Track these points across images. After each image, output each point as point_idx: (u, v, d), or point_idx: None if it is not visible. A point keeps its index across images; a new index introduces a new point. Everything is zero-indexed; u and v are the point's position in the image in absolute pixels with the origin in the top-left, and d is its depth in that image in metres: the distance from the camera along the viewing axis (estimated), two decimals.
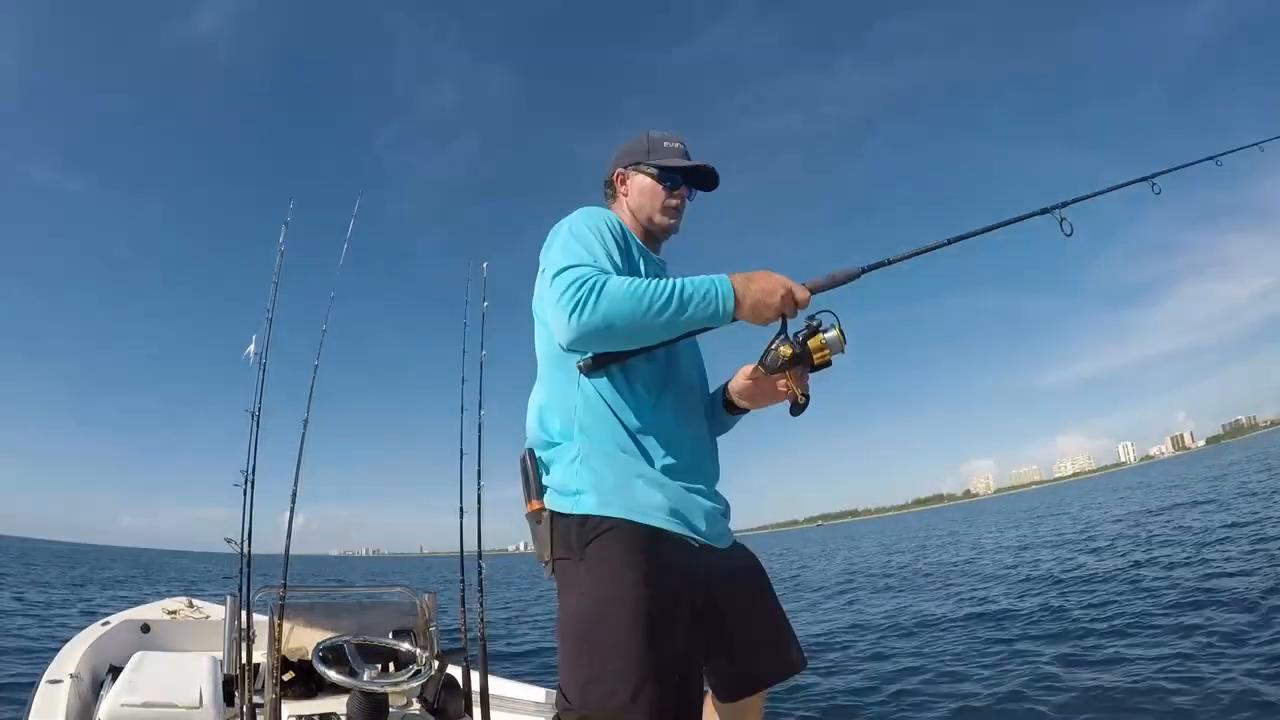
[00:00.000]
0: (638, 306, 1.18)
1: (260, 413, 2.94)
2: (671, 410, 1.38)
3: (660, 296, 1.19)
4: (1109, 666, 4.71)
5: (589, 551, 1.24)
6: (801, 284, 1.28)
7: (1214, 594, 6.13)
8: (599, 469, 1.29)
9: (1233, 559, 7.75)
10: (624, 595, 1.19)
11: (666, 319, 1.20)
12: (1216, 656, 4.47)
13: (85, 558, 50.75)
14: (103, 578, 22.76)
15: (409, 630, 3.09)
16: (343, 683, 2.47)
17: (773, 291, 1.25)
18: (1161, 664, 4.50)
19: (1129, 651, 4.94)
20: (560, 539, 1.28)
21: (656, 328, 1.21)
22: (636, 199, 1.53)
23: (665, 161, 1.51)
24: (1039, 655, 5.27)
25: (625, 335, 1.22)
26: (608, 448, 1.30)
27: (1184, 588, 6.65)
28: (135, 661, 2.58)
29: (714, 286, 1.23)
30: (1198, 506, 15.20)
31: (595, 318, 1.18)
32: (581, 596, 1.23)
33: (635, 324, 1.19)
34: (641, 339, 1.25)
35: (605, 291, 1.19)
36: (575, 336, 1.21)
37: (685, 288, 1.22)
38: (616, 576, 1.21)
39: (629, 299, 1.19)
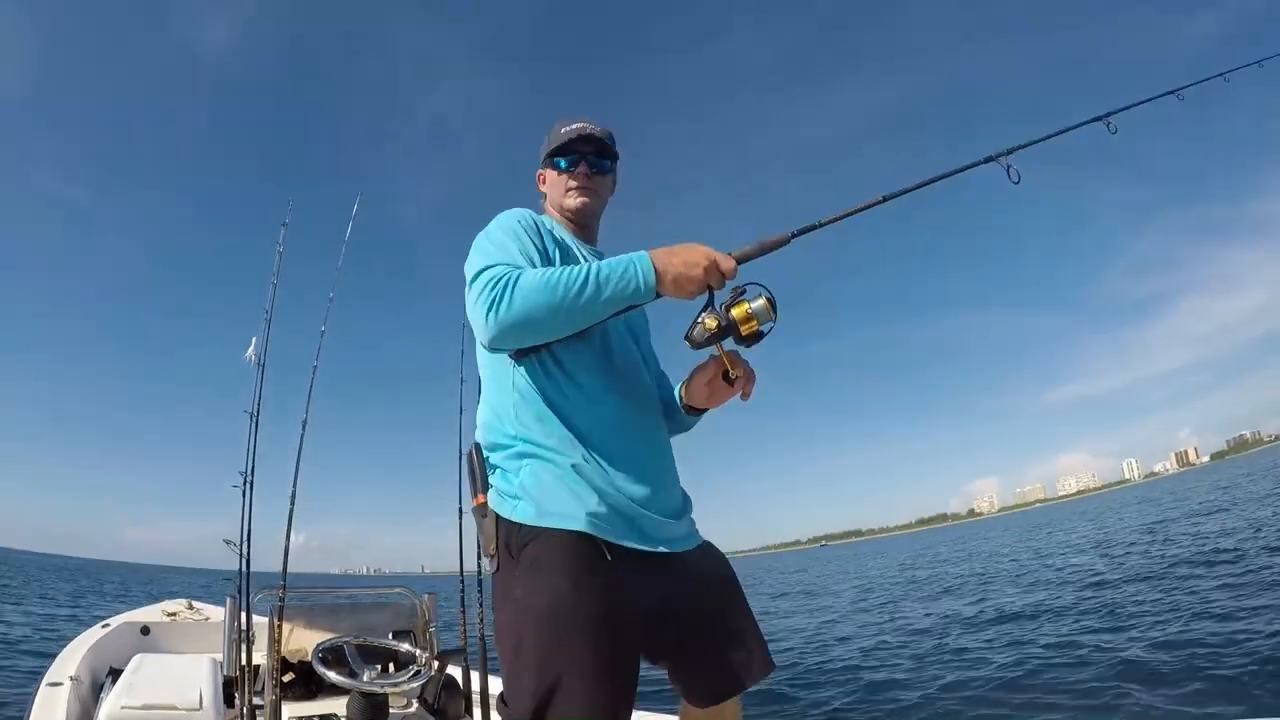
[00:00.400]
0: (553, 295, 1.18)
1: (259, 413, 2.95)
2: (614, 404, 1.35)
3: (575, 281, 1.18)
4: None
5: (524, 556, 1.23)
6: (727, 253, 1.24)
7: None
8: (537, 473, 1.27)
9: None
10: (554, 603, 1.18)
11: (584, 302, 1.18)
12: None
13: (89, 572, 50.65)
14: (105, 591, 22.69)
15: (409, 631, 3.09)
16: (342, 684, 2.47)
17: (695, 263, 1.21)
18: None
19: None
20: (502, 540, 1.28)
21: (576, 312, 1.20)
22: (550, 193, 1.55)
23: (555, 145, 1.52)
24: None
25: (545, 325, 1.21)
26: (546, 449, 1.29)
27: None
28: (135, 664, 2.58)
29: (632, 264, 1.21)
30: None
31: (512, 312, 1.19)
32: (517, 602, 1.22)
33: (553, 312, 1.19)
34: (563, 326, 1.23)
35: (519, 285, 1.19)
36: (495, 334, 1.22)
37: (602, 269, 1.20)
38: (549, 584, 1.20)
39: (543, 289, 1.18)
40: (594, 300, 1.19)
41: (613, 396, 1.36)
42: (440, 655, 2.81)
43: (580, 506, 1.24)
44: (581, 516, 1.23)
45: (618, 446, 1.32)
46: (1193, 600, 6.70)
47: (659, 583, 1.31)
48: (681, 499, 1.44)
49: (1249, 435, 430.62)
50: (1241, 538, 10.58)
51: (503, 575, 1.28)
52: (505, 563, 1.27)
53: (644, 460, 1.37)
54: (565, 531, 1.23)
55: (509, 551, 1.26)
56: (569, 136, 1.51)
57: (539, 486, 1.26)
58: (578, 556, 1.22)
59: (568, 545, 1.22)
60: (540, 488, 1.26)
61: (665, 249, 1.24)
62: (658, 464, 1.41)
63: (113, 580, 34.16)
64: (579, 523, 1.23)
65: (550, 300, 1.18)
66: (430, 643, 3.03)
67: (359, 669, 2.56)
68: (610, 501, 1.27)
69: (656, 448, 1.43)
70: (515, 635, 1.22)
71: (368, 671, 2.55)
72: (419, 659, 2.77)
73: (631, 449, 1.35)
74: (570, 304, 1.18)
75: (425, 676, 2.66)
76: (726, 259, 1.23)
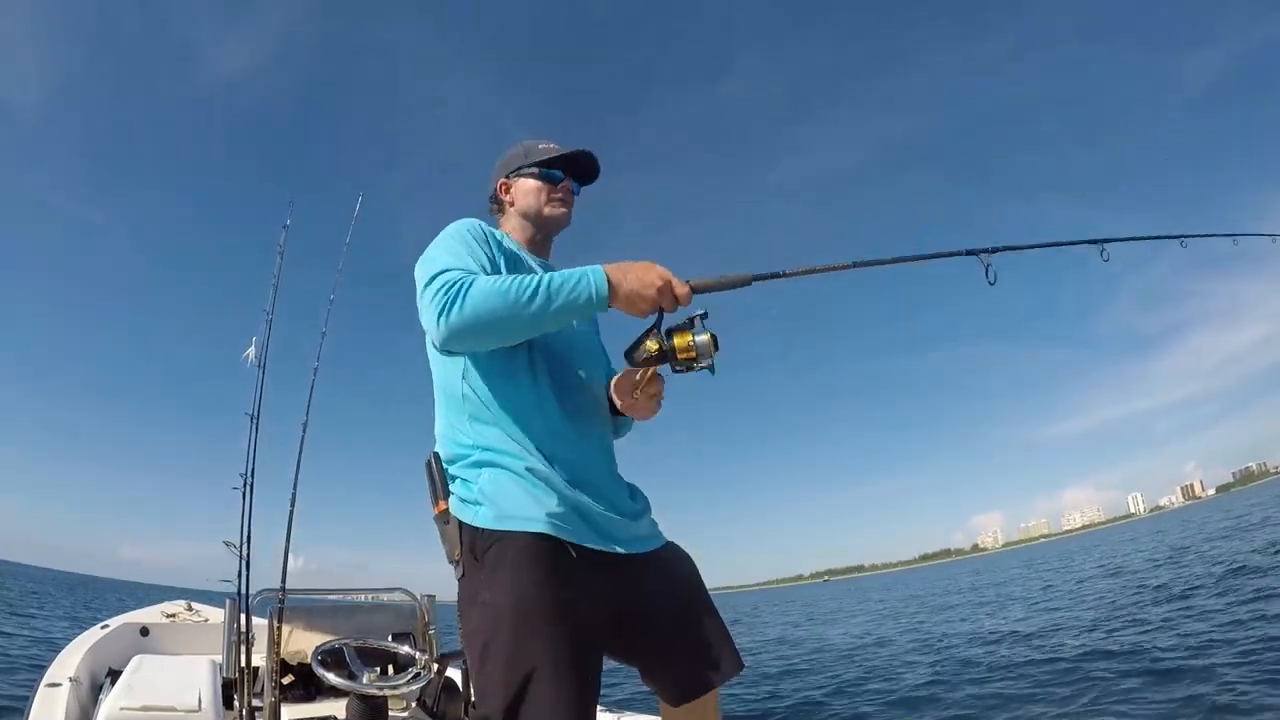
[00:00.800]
0: (504, 301, 1.20)
1: (259, 415, 2.95)
2: (565, 407, 1.38)
3: (527, 290, 1.21)
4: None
5: (488, 559, 1.25)
6: (685, 280, 1.26)
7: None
8: (495, 479, 1.30)
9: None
10: (519, 601, 1.20)
11: (535, 310, 1.21)
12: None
13: (89, 586, 50.44)
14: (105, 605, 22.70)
15: (408, 633, 3.09)
16: (342, 686, 2.47)
17: (650, 283, 1.23)
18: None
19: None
20: (466, 546, 1.30)
21: (526, 320, 1.22)
22: (523, 201, 1.57)
23: (544, 157, 1.56)
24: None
25: (496, 330, 1.23)
26: (501, 454, 1.31)
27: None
28: (134, 665, 2.57)
29: (585, 276, 1.24)
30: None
31: (463, 316, 1.20)
32: (484, 605, 1.24)
33: (505, 318, 1.21)
34: (514, 333, 1.26)
35: (471, 291, 1.21)
36: (447, 336, 1.23)
37: (554, 280, 1.23)
38: (512, 584, 1.22)
39: (495, 295, 1.20)
40: (544, 309, 1.21)
41: (563, 399, 1.39)
42: (440, 658, 2.81)
43: (539, 508, 1.26)
44: (541, 518, 1.25)
45: (571, 449, 1.35)
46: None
47: (623, 583, 1.33)
48: (639, 500, 1.46)
49: (1255, 467, 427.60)
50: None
51: (468, 580, 1.29)
52: (470, 567, 1.29)
53: (598, 462, 1.41)
54: (526, 533, 1.24)
55: (473, 555, 1.28)
56: (566, 151, 1.56)
57: (497, 491, 1.28)
58: (540, 557, 1.24)
59: (530, 546, 1.24)
60: (499, 492, 1.28)
61: (620, 265, 1.26)
62: (605, 464, 1.44)
63: (111, 597, 34.19)
64: (539, 524, 1.25)
65: (502, 306, 1.20)
66: (430, 645, 3.03)
67: (358, 671, 2.55)
68: (568, 503, 1.29)
69: (602, 448, 1.46)
70: (482, 637, 1.23)
71: (367, 674, 2.55)
72: (418, 661, 2.77)
73: (586, 451, 1.38)
74: (521, 311, 1.20)
75: (425, 679, 2.66)
76: (682, 285, 1.25)
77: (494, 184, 1.62)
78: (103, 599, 22.56)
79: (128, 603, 6.71)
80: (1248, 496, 69.72)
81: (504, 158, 1.62)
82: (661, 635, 1.40)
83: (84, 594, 31.66)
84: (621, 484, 1.46)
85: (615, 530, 1.34)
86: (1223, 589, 8.74)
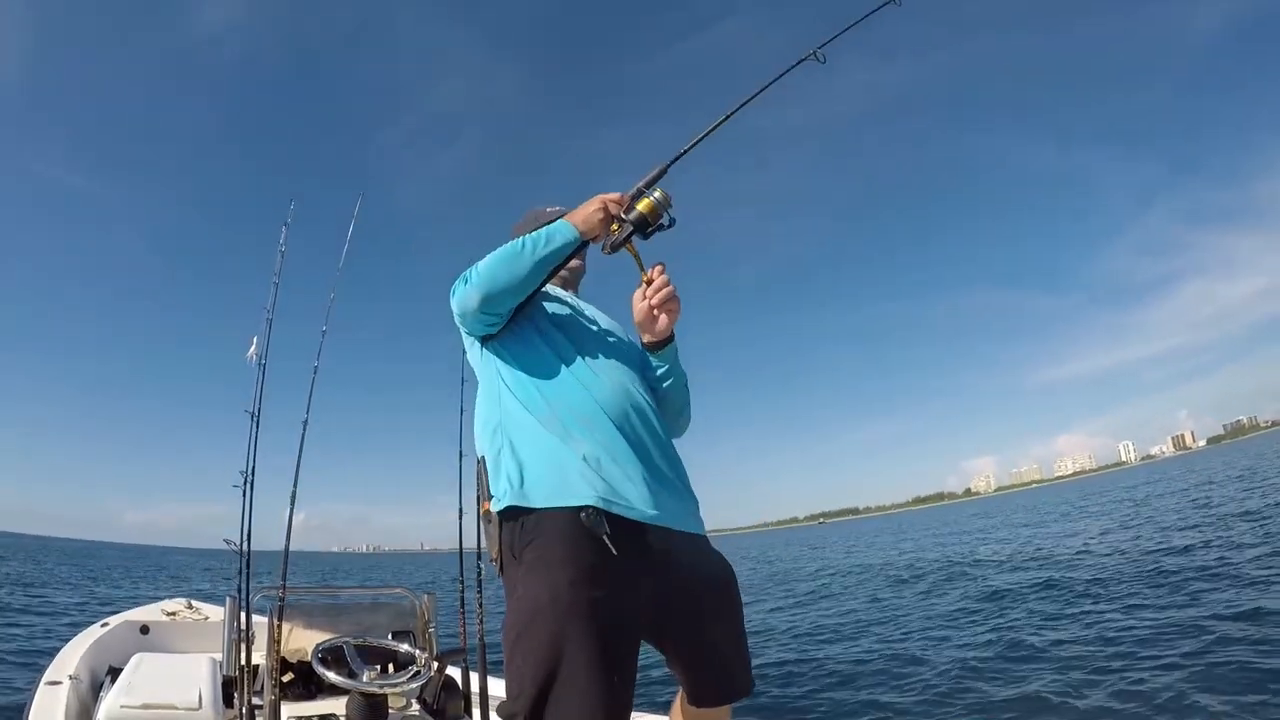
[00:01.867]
0: (504, 258, 1.42)
1: (260, 413, 2.95)
2: (600, 390, 1.42)
3: (520, 245, 1.43)
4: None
5: (526, 554, 1.27)
6: (615, 193, 1.50)
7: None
8: (526, 458, 1.35)
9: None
10: (555, 595, 1.21)
11: (533, 257, 1.42)
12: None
13: (96, 553, 50.81)
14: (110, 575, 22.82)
15: (408, 631, 3.09)
16: (342, 684, 2.47)
17: (594, 206, 1.47)
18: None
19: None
20: (506, 540, 1.32)
21: (529, 267, 1.42)
22: None
23: (551, 219, 1.65)
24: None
25: (507, 285, 1.42)
26: (531, 432, 1.37)
27: None
28: (134, 663, 2.58)
29: (555, 224, 1.47)
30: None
31: (474, 282, 1.42)
32: (520, 599, 1.25)
33: (511, 272, 1.41)
34: (523, 283, 1.43)
35: (477, 265, 1.44)
36: (465, 304, 1.43)
37: (538, 234, 1.45)
38: (549, 579, 1.23)
39: (496, 259, 1.43)
40: (540, 254, 1.42)
41: (597, 381, 1.43)
42: (440, 656, 2.81)
43: (573, 484, 1.28)
44: (580, 492, 1.27)
45: (610, 432, 1.37)
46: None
47: (659, 562, 1.34)
48: (679, 478, 1.47)
49: (1246, 420, 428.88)
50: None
51: (507, 576, 1.32)
52: (509, 564, 1.32)
53: (633, 431, 1.41)
54: (564, 516, 1.26)
55: (511, 553, 1.31)
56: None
57: (530, 470, 1.33)
58: (579, 548, 1.24)
59: (567, 537, 1.25)
60: (531, 471, 1.33)
61: (566, 215, 1.51)
62: (648, 436, 1.44)
63: (116, 563, 34.27)
64: (576, 498, 1.27)
65: (504, 263, 1.42)
66: (430, 643, 3.03)
67: (358, 669, 2.56)
68: (605, 475, 1.31)
69: (644, 419, 1.46)
70: (515, 630, 1.24)
71: (367, 672, 2.55)
72: (418, 659, 2.77)
73: (627, 433, 1.39)
74: (525, 261, 1.41)
75: (425, 677, 2.66)
76: (621, 194, 1.49)
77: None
78: (109, 575, 22.74)
79: (133, 570, 6.61)
80: (1238, 450, 69.66)
81: (526, 217, 1.77)
82: (691, 634, 1.41)
83: (94, 563, 31.79)
84: (668, 462, 1.46)
85: (654, 500, 1.35)
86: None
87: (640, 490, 1.33)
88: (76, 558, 37.77)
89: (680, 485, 1.46)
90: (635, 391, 1.47)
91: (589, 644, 1.19)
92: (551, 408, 1.38)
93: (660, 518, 1.34)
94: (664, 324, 1.53)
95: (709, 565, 1.47)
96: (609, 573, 1.25)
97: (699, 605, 1.42)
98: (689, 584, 1.41)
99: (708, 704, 1.48)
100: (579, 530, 1.25)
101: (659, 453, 1.44)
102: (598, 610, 1.22)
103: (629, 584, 1.28)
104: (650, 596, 1.33)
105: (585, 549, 1.24)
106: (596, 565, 1.24)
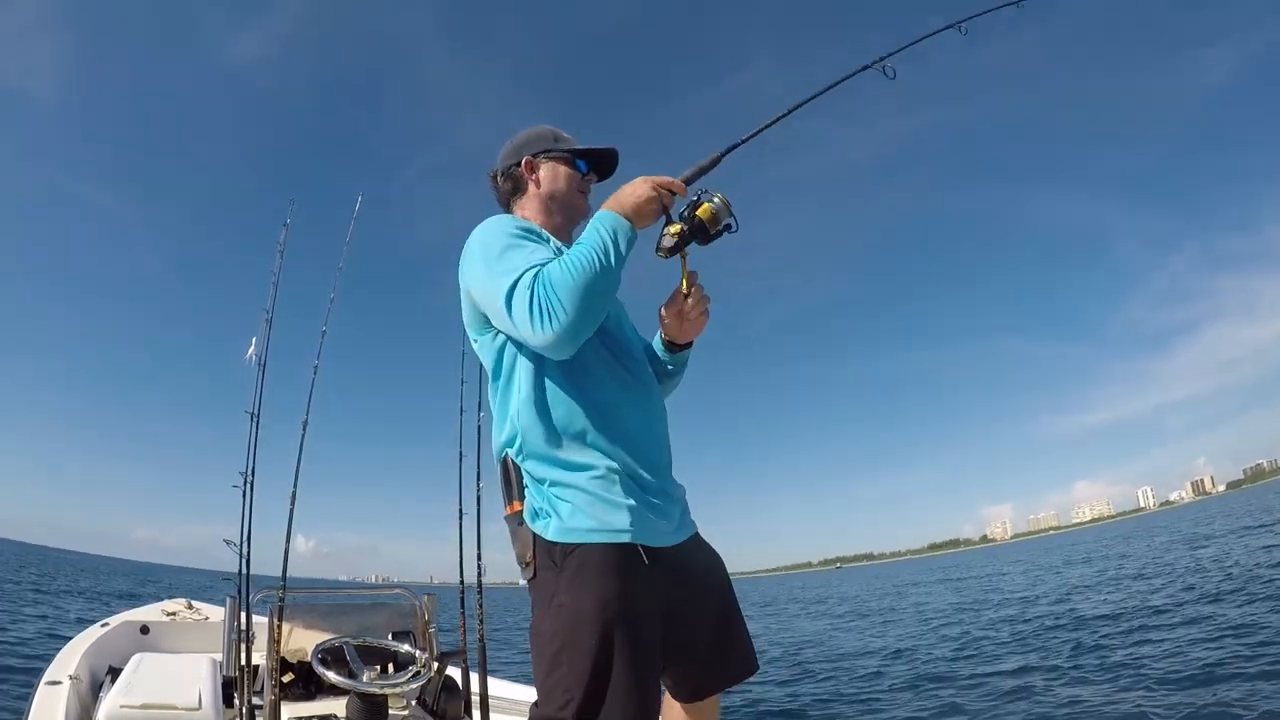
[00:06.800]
0: (587, 283, 1.18)
1: (260, 414, 2.95)
2: (625, 393, 1.36)
3: (593, 257, 1.21)
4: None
5: (568, 563, 1.25)
6: (667, 177, 1.32)
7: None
8: (570, 491, 1.28)
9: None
10: (599, 610, 1.20)
11: (615, 271, 1.23)
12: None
13: (105, 569, 50.68)
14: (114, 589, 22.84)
15: (408, 632, 3.09)
16: (342, 684, 2.47)
17: (645, 192, 1.29)
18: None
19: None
20: (542, 549, 1.28)
21: (606, 285, 1.22)
22: (550, 185, 1.52)
23: (575, 146, 1.54)
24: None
25: (594, 312, 1.22)
26: (574, 465, 1.28)
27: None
28: (134, 663, 2.58)
29: (605, 222, 1.26)
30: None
31: (564, 320, 1.17)
32: (562, 607, 1.23)
33: (595, 293, 1.20)
34: (604, 302, 1.24)
35: (557, 283, 1.18)
36: (558, 339, 1.19)
37: (590, 240, 1.24)
38: (595, 590, 1.21)
39: (579, 285, 1.18)
40: (609, 265, 1.21)
41: (630, 388, 1.38)
42: (440, 656, 2.81)
43: (613, 518, 1.26)
44: (615, 528, 1.25)
45: (639, 443, 1.35)
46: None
47: (674, 580, 1.33)
48: (680, 486, 1.46)
49: (1266, 464, 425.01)
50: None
51: (542, 581, 1.28)
52: (546, 569, 1.27)
53: (659, 449, 1.40)
54: (600, 545, 1.25)
55: (550, 559, 1.27)
56: (601, 147, 1.57)
57: (573, 506, 1.27)
58: (621, 562, 1.24)
59: (604, 555, 1.24)
60: (571, 504, 1.27)
61: (611, 198, 1.31)
62: (664, 451, 1.43)
63: (123, 577, 34.23)
64: (612, 535, 1.25)
65: (589, 290, 1.18)
66: (430, 643, 3.03)
67: (358, 670, 2.55)
68: (640, 506, 1.29)
69: (661, 433, 1.45)
70: (559, 640, 1.22)
71: (367, 672, 2.54)
72: (418, 660, 2.77)
73: (652, 441, 1.38)
74: (601, 279, 1.20)
75: (424, 678, 2.65)
76: (673, 179, 1.32)
77: (511, 159, 1.54)
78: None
79: (141, 585, 6.61)
80: (1257, 494, 68.81)
81: (524, 136, 1.56)
82: (694, 633, 1.41)
83: (104, 575, 31.74)
84: (670, 466, 1.45)
85: (670, 520, 1.35)
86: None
87: (668, 514, 1.34)
88: (88, 572, 37.58)
89: (680, 489, 1.45)
90: (658, 398, 1.48)
91: (634, 658, 1.19)
92: (591, 423, 1.30)
93: (679, 534, 1.37)
94: (695, 331, 1.52)
95: (704, 557, 1.46)
96: (644, 584, 1.25)
97: (706, 601, 1.43)
98: (694, 581, 1.41)
99: (713, 691, 1.47)
100: (621, 551, 1.25)
101: (668, 460, 1.44)
102: (640, 623, 1.22)
103: (657, 598, 1.28)
104: (669, 603, 1.33)
105: (626, 563, 1.24)
106: (636, 578, 1.24)
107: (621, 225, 1.25)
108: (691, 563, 1.41)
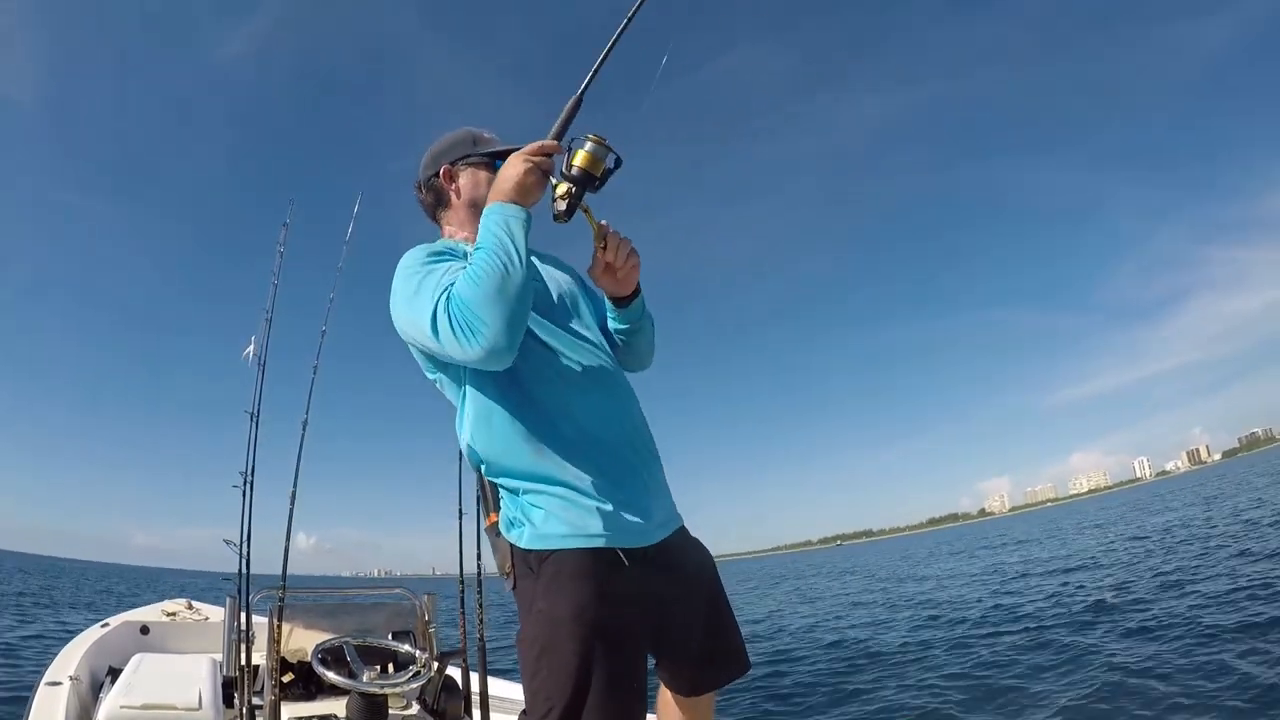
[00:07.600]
0: (496, 292, 1.14)
1: (259, 414, 2.95)
2: (586, 410, 1.32)
3: (495, 262, 1.15)
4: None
5: (544, 569, 1.24)
6: (535, 143, 1.26)
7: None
8: (540, 500, 1.27)
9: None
10: (575, 616, 1.19)
11: (521, 271, 1.17)
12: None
13: (104, 574, 50.59)
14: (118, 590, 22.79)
15: (408, 632, 3.09)
16: (342, 684, 2.47)
17: (520, 168, 1.23)
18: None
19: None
20: (519, 558, 1.29)
21: (523, 283, 1.17)
22: (471, 192, 1.48)
23: (494, 149, 1.49)
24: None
25: (515, 308, 1.16)
26: (539, 476, 1.27)
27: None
28: (134, 663, 2.58)
29: (495, 215, 1.21)
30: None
31: (487, 335, 1.13)
32: (540, 613, 1.23)
33: (506, 292, 1.14)
34: (522, 298, 1.18)
35: (465, 301, 1.15)
36: (488, 353, 1.15)
37: (485, 242, 1.19)
38: (571, 594, 1.21)
39: (489, 297, 1.14)
40: (515, 262, 1.16)
41: (576, 398, 1.32)
42: (440, 656, 2.81)
43: (583, 523, 1.25)
44: (586, 533, 1.24)
45: (601, 448, 1.31)
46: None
47: (660, 578, 1.32)
48: (660, 477, 1.42)
49: (1261, 433, 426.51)
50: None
51: (525, 589, 1.28)
52: (525, 577, 1.28)
53: (628, 454, 1.35)
54: (575, 550, 1.24)
55: (528, 566, 1.27)
56: (514, 146, 1.41)
57: (544, 513, 1.26)
58: (597, 565, 1.23)
59: (585, 557, 1.23)
60: (541, 512, 1.26)
61: (491, 190, 1.27)
62: (640, 449, 1.38)
63: (122, 582, 34.22)
64: (591, 540, 1.24)
65: (499, 298, 1.14)
66: (430, 643, 3.03)
67: (358, 669, 2.56)
68: (611, 507, 1.27)
69: (636, 433, 1.40)
70: (538, 645, 1.22)
71: (367, 672, 2.55)
72: (418, 660, 2.77)
73: (616, 448, 1.33)
74: (514, 281, 1.15)
75: (425, 677, 2.66)
76: (542, 141, 1.26)
77: (430, 170, 1.51)
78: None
79: (141, 590, 6.62)
80: (1254, 463, 67.75)
81: (442, 143, 1.52)
82: (688, 631, 1.40)
83: (105, 580, 31.69)
84: (652, 456, 1.41)
85: (649, 517, 1.32)
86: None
87: (644, 512, 1.31)
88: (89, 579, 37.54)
89: (661, 479, 1.42)
90: (618, 382, 1.42)
91: (614, 661, 1.19)
92: (554, 442, 1.28)
93: (660, 531, 1.34)
94: (631, 280, 1.43)
95: (691, 554, 1.44)
96: (624, 586, 1.24)
97: (698, 604, 1.42)
98: (681, 578, 1.39)
99: (712, 688, 1.47)
100: (595, 555, 1.24)
101: (646, 451, 1.40)
102: (619, 626, 1.21)
103: (639, 598, 1.27)
104: (655, 605, 1.32)
105: (602, 566, 1.24)
106: (613, 580, 1.23)
107: (509, 211, 1.21)
108: (682, 560, 1.39)
